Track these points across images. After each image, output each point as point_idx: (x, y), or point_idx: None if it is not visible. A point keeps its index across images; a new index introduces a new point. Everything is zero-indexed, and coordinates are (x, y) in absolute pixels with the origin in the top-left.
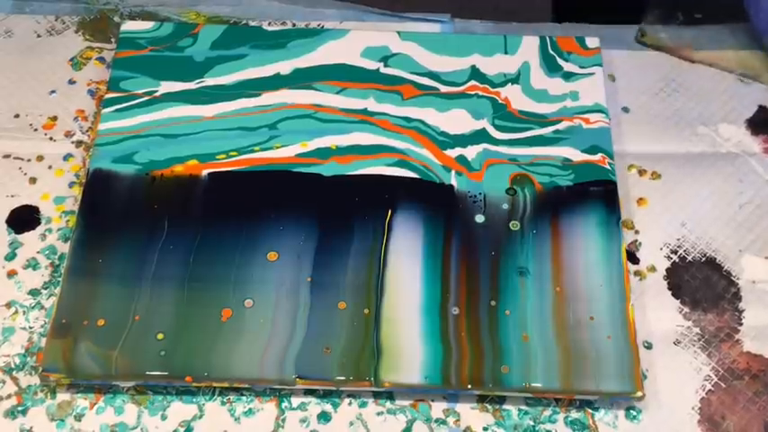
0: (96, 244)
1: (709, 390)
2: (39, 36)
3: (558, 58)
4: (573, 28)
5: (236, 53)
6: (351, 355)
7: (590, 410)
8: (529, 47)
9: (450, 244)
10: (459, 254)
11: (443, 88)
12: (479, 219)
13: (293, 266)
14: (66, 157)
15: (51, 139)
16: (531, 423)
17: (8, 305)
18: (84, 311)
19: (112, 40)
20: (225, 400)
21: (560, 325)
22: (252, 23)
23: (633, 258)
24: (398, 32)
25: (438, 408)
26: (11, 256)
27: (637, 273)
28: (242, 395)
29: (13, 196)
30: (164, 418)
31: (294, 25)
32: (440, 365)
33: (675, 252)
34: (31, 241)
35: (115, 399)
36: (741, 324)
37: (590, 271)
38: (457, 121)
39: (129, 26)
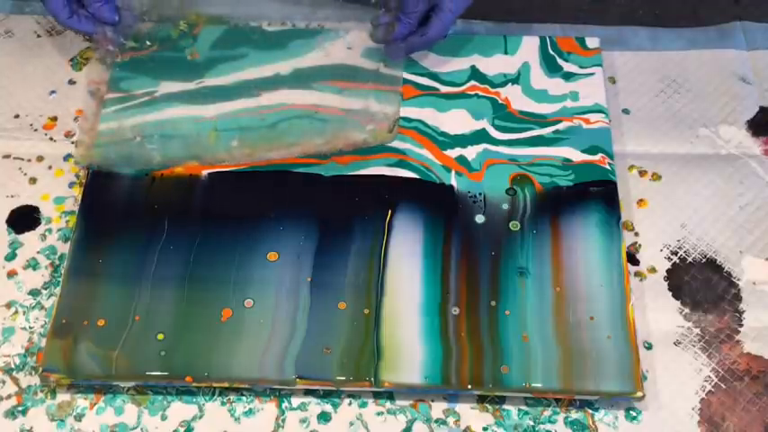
0: (96, 244)
1: (710, 391)
2: (39, 36)
3: (558, 58)
4: (573, 28)
5: (236, 53)
6: (351, 355)
7: (590, 411)
8: (529, 47)
9: (450, 244)
10: (459, 254)
11: (443, 88)
12: (479, 219)
13: (293, 267)
14: (67, 157)
15: (51, 139)
16: (531, 423)
17: (8, 305)
18: (84, 311)
19: None
20: (225, 400)
21: (560, 325)
22: (252, 23)
23: (633, 260)
24: None
25: (438, 408)
26: (11, 256)
27: (637, 273)
28: (242, 395)
29: (13, 196)
30: (164, 418)
31: (294, 25)
32: (440, 365)
33: (676, 253)
34: (31, 241)
35: (115, 399)
36: (741, 325)
37: (590, 271)
38: (457, 121)
39: None
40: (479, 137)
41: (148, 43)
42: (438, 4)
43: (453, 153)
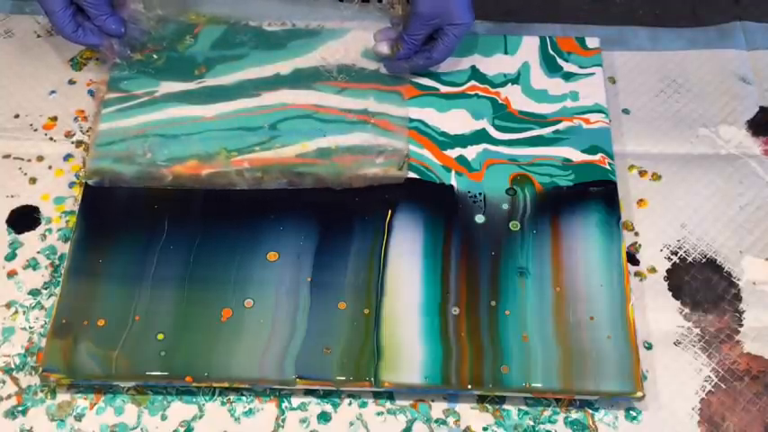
0: (96, 244)
1: (710, 391)
2: (39, 36)
3: (558, 58)
4: (573, 28)
5: (236, 53)
6: (351, 355)
7: (590, 411)
8: (529, 47)
9: (450, 244)
10: (459, 254)
11: (443, 88)
12: (479, 219)
13: (293, 267)
14: (67, 157)
15: (51, 139)
16: (531, 423)
17: (8, 305)
18: (84, 311)
19: None
20: (225, 400)
21: (560, 325)
22: (252, 23)
23: (633, 260)
24: None
25: (438, 408)
26: (11, 256)
27: (637, 273)
28: (242, 395)
29: (12, 196)
30: (164, 418)
31: (294, 25)
32: (440, 365)
33: (676, 253)
34: (31, 241)
35: (115, 399)
36: (741, 325)
37: (590, 271)
38: (457, 121)
39: None
40: (479, 137)
41: (155, 57)
42: (442, 28)
43: (453, 153)
